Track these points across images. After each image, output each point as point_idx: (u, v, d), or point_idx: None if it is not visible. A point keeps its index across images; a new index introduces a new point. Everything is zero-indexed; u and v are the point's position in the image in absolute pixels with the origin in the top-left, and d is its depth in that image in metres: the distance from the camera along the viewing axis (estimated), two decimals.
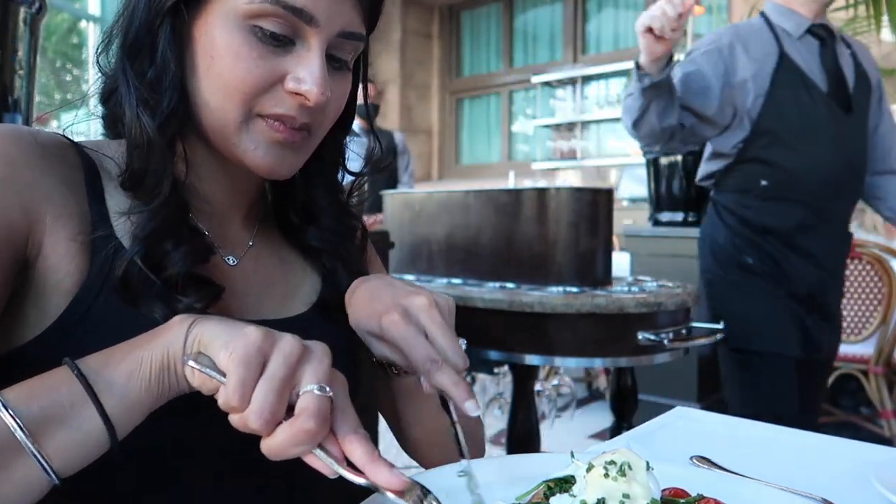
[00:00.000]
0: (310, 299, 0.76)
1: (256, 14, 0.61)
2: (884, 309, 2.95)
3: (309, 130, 0.66)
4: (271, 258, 0.76)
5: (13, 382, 0.50)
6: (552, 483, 0.57)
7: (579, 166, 6.69)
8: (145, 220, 0.62)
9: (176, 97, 0.63)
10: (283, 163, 0.66)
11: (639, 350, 1.60)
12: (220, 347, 0.49)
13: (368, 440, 0.50)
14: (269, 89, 0.63)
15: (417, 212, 2.03)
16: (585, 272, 1.73)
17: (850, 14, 3.95)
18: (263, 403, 0.47)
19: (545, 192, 1.75)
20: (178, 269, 0.62)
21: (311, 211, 0.78)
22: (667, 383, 3.21)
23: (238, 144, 0.65)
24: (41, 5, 1.15)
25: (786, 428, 0.89)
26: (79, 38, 5.07)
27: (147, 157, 0.63)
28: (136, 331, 0.58)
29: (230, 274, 0.71)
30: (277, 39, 0.62)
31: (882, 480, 0.65)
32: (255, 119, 0.64)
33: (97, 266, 0.61)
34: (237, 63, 0.61)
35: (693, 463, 0.72)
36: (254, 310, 0.71)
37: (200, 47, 0.63)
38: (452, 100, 7.93)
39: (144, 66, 0.63)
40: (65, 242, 0.60)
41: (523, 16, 7.45)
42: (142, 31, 0.63)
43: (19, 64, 1.13)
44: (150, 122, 0.62)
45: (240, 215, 0.75)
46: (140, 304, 0.61)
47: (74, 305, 0.60)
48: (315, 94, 0.62)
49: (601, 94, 6.79)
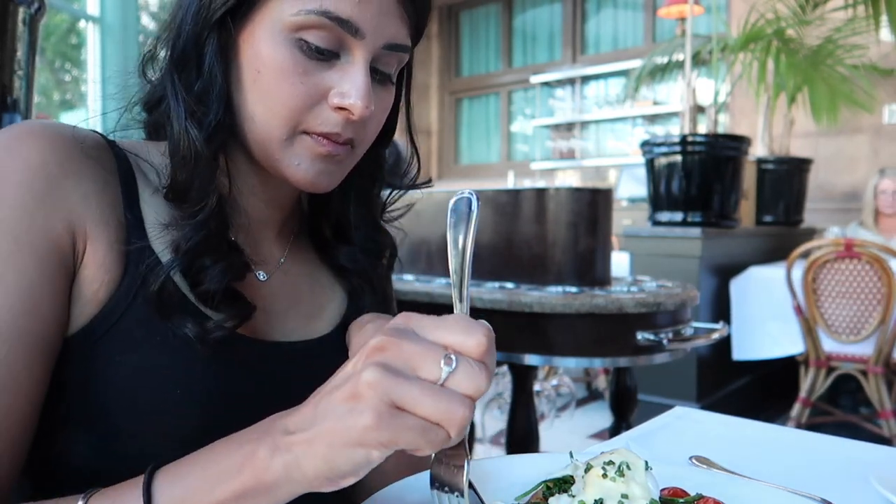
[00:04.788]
0: (334, 320, 0.76)
1: (302, 26, 0.60)
2: (883, 309, 2.95)
3: (352, 144, 0.66)
4: (300, 275, 0.76)
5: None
6: (551, 483, 0.57)
7: (578, 166, 6.69)
8: (189, 233, 0.61)
9: (222, 110, 0.62)
10: (325, 177, 0.66)
11: (638, 350, 1.60)
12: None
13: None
14: (314, 105, 0.62)
15: (416, 212, 2.02)
16: (584, 272, 1.73)
17: (850, 14, 3.96)
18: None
19: (544, 193, 1.75)
20: (215, 286, 0.61)
21: (345, 226, 0.77)
22: (666, 383, 3.21)
23: (282, 160, 0.64)
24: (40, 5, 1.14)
25: (785, 428, 0.89)
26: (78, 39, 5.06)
27: (193, 169, 0.62)
28: (164, 347, 0.58)
29: (259, 290, 0.70)
30: (322, 53, 0.61)
31: (881, 480, 0.65)
32: (300, 136, 0.63)
33: (130, 277, 0.60)
34: (283, 79, 0.61)
35: (692, 463, 0.72)
36: (279, 328, 0.71)
37: (246, 60, 0.62)
38: (451, 100, 7.93)
39: (191, 78, 0.63)
40: (102, 251, 0.60)
41: (522, 16, 7.45)
42: (189, 44, 0.62)
43: (18, 64, 1.12)
44: (198, 135, 0.61)
45: (274, 230, 0.75)
46: (172, 319, 0.60)
47: (104, 316, 0.59)
48: (359, 108, 0.61)
49: (600, 94, 6.79)
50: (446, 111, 7.93)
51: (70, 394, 0.60)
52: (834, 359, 3.13)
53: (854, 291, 3.02)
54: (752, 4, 3.91)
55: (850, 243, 3.00)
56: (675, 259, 3.24)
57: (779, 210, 4.12)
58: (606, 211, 1.78)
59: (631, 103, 6.36)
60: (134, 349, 0.59)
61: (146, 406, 0.60)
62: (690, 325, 1.73)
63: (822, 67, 3.95)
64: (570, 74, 6.72)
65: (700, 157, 3.21)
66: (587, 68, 6.63)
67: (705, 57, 4.25)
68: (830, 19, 3.98)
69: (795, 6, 3.98)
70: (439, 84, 7.90)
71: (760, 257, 3.71)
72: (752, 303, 3.40)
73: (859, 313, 3.03)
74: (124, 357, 0.59)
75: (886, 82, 4.54)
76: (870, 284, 2.99)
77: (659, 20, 6.35)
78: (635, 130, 6.53)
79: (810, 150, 4.75)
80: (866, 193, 3.98)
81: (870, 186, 3.97)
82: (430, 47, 7.84)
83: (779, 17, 3.93)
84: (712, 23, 4.33)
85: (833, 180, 4.97)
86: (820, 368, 3.15)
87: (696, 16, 4.42)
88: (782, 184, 4.09)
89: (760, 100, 4.17)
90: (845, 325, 3.06)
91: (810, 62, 3.95)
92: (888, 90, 4.64)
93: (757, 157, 4.08)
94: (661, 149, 3.28)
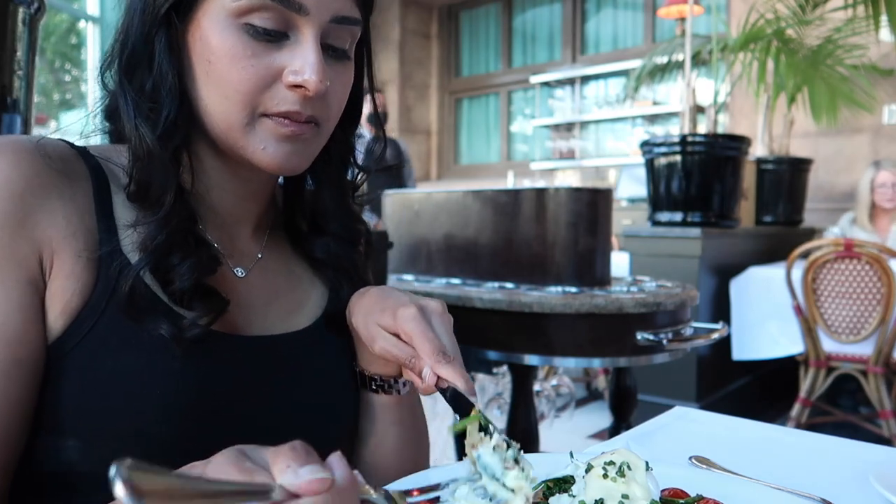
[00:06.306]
0: (314, 314, 0.76)
1: (247, 10, 0.60)
2: (882, 309, 2.95)
3: (317, 123, 0.66)
4: (279, 270, 0.76)
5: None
6: (551, 483, 0.57)
7: (578, 166, 6.69)
8: (153, 232, 0.61)
9: (175, 106, 0.63)
10: (293, 157, 0.66)
11: (638, 350, 1.59)
12: None
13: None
14: (269, 87, 0.62)
15: (416, 212, 2.02)
16: (584, 272, 1.73)
17: (850, 14, 3.96)
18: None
19: (544, 193, 1.75)
20: (185, 283, 0.61)
21: (318, 215, 0.78)
22: (666, 383, 3.21)
23: (246, 146, 0.64)
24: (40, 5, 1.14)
25: (785, 428, 0.89)
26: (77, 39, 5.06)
27: (149, 168, 0.62)
28: (140, 349, 0.58)
29: (237, 286, 0.70)
30: (270, 34, 0.62)
31: (881, 480, 0.65)
32: (260, 119, 0.64)
33: (102, 283, 0.60)
34: (233, 64, 0.61)
35: (692, 463, 0.72)
36: (259, 324, 0.71)
37: (196, 53, 0.63)
38: (451, 100, 7.93)
39: (144, 77, 0.63)
40: (70, 262, 0.60)
41: (522, 16, 7.45)
42: (139, 44, 0.63)
43: (18, 64, 1.12)
44: (150, 134, 0.62)
45: (249, 225, 0.75)
46: (146, 321, 0.60)
47: (77, 324, 0.59)
48: (314, 83, 0.61)
49: (600, 94, 6.79)
50: (446, 111, 7.93)
51: (48, 401, 0.59)
52: (834, 359, 3.13)
53: (854, 291, 3.02)
54: (751, 4, 3.91)
55: (850, 243, 3.00)
56: (675, 259, 3.24)
57: (778, 210, 4.12)
58: (606, 211, 1.78)
59: (631, 103, 6.36)
60: (110, 353, 0.59)
61: (125, 408, 0.59)
62: (690, 325, 1.73)
63: (821, 67, 3.95)
64: (569, 74, 6.72)
65: (700, 157, 3.21)
66: (587, 68, 6.63)
67: (705, 57, 4.25)
68: (830, 19, 3.98)
69: (795, 6, 3.98)
70: (439, 84, 7.90)
71: (760, 257, 3.70)
72: (752, 303, 3.40)
73: (859, 313, 3.02)
74: (101, 361, 0.59)
75: (886, 82, 4.54)
76: (869, 284, 2.98)
77: (659, 20, 6.36)
78: (635, 130, 6.53)
79: (810, 150, 4.75)
80: (861, 188, 3.87)
81: (865, 181, 3.84)
82: (430, 47, 7.84)
83: (778, 17, 3.93)
84: (712, 23, 4.33)
85: (833, 180, 4.97)
86: (820, 368, 3.15)
87: (696, 16, 4.42)
88: (782, 184, 4.09)
89: (760, 100, 4.17)
90: (845, 325, 3.06)
91: (810, 62, 3.95)
92: (888, 90, 4.64)
93: (757, 157, 4.08)
94: (661, 149, 3.28)
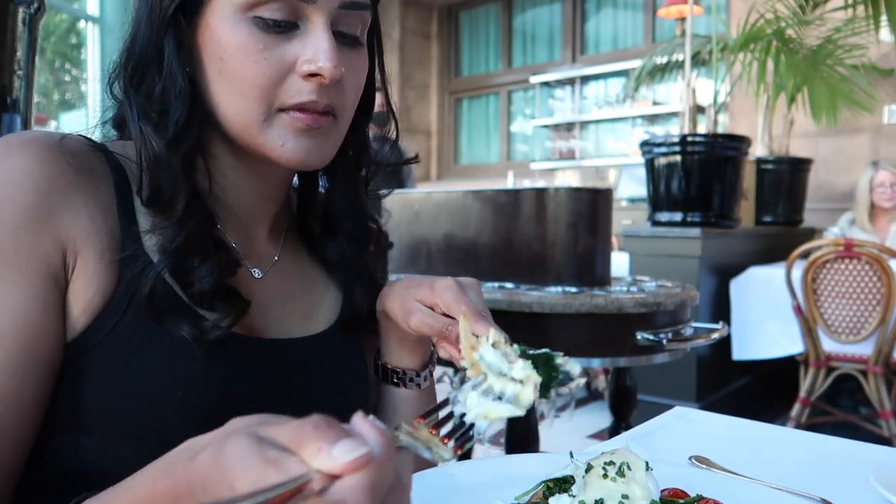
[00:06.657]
0: (329, 319, 0.76)
1: (254, 3, 0.60)
2: (882, 309, 2.95)
3: (334, 114, 0.65)
4: (294, 273, 0.76)
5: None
6: (551, 483, 0.57)
7: (578, 166, 6.69)
8: (171, 234, 0.61)
9: (185, 109, 0.62)
10: (313, 151, 0.65)
11: (638, 350, 1.59)
12: None
13: None
14: (283, 80, 0.62)
15: (416, 212, 2.02)
16: (584, 272, 1.73)
17: (850, 14, 3.96)
18: None
19: (544, 193, 1.75)
20: (205, 286, 0.61)
21: (332, 214, 0.77)
22: (666, 383, 3.21)
23: (264, 143, 0.64)
24: (40, 5, 1.14)
25: (785, 428, 0.89)
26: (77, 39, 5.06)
27: (157, 172, 0.62)
28: (162, 350, 0.58)
29: (255, 287, 0.70)
30: (280, 26, 0.61)
31: (881, 480, 0.65)
32: (277, 114, 0.63)
33: (125, 283, 0.60)
34: (246, 58, 0.61)
35: (692, 463, 0.72)
36: (275, 326, 0.71)
37: (208, 52, 0.62)
38: (451, 100, 7.93)
39: (153, 82, 0.62)
40: (94, 261, 0.59)
41: (522, 16, 7.45)
42: (147, 49, 0.62)
43: (18, 64, 1.12)
44: (156, 139, 0.61)
45: (266, 226, 0.75)
46: (166, 322, 0.60)
47: (99, 322, 0.59)
48: (328, 70, 0.61)
49: (600, 94, 6.79)
50: (446, 111, 7.93)
51: (68, 399, 0.59)
52: (834, 359, 3.13)
53: (854, 291, 3.02)
54: (751, 4, 3.91)
55: (850, 243, 3.00)
56: (675, 259, 3.24)
57: (778, 210, 4.12)
58: (606, 211, 1.78)
59: (630, 103, 6.36)
60: (133, 353, 0.59)
61: (148, 408, 0.59)
62: (690, 325, 1.73)
63: (821, 67, 3.95)
64: (569, 74, 6.72)
65: (700, 157, 3.21)
66: (587, 68, 6.63)
67: (705, 57, 4.25)
68: (830, 19, 3.98)
69: (795, 6, 3.98)
70: (439, 84, 7.90)
71: (760, 257, 3.70)
72: (752, 303, 3.40)
73: (859, 313, 3.02)
74: (124, 361, 0.58)
75: (886, 82, 4.54)
76: (869, 284, 2.98)
77: (659, 20, 6.35)
78: (635, 130, 6.53)
79: (810, 150, 4.75)
80: (860, 188, 3.83)
81: (863, 181, 3.80)
82: (430, 47, 7.84)
83: (778, 17, 3.93)
84: (712, 23, 4.33)
85: (833, 180, 4.97)
86: (819, 368, 3.15)
87: (696, 16, 4.42)
88: (782, 184, 4.09)
89: (760, 100, 4.17)
90: (845, 325, 3.06)
91: (810, 62, 3.95)
92: (888, 90, 4.63)
93: (756, 157, 4.08)
94: (661, 149, 3.28)
